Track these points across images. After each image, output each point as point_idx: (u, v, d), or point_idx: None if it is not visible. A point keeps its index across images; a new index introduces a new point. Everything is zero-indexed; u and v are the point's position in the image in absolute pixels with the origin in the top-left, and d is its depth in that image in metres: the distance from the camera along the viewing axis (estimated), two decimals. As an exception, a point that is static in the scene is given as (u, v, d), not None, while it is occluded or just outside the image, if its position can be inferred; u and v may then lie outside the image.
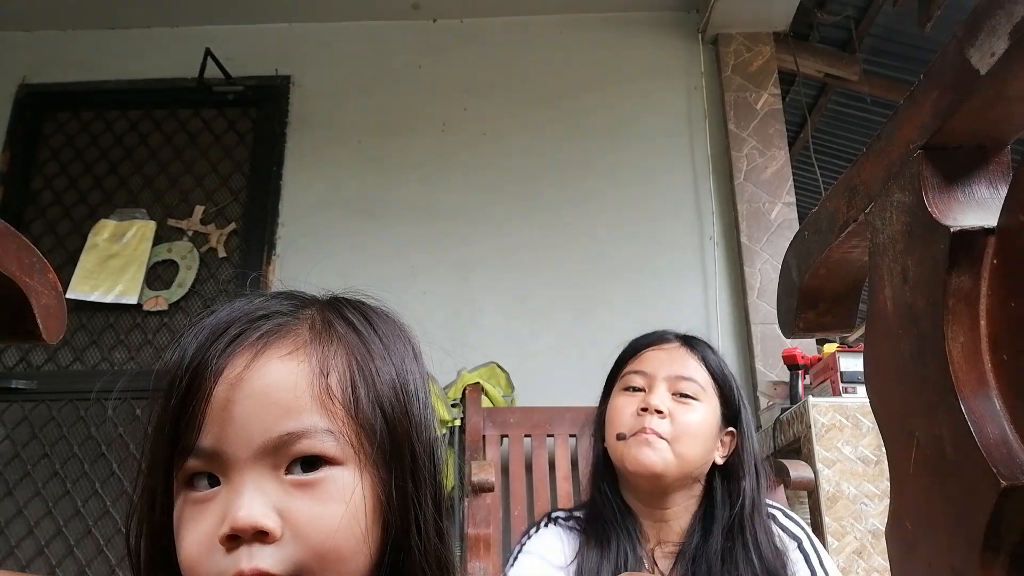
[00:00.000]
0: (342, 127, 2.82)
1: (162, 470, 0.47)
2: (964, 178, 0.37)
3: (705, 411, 1.02)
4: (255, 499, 0.44)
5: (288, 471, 0.45)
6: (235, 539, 0.43)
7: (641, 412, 1.01)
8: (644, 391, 1.04)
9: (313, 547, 0.44)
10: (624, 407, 1.04)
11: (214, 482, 0.46)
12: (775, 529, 1.03)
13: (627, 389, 1.06)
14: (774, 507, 1.08)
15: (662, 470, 0.99)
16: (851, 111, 3.55)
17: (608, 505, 1.04)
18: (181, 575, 0.46)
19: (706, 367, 1.06)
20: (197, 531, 0.45)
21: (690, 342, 1.09)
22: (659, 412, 1.00)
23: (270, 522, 0.43)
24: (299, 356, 0.48)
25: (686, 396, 1.02)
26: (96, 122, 2.95)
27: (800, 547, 1.02)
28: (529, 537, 1.10)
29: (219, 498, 0.45)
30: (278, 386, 0.46)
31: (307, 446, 0.46)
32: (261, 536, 0.43)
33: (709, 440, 1.02)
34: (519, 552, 1.07)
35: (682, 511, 1.03)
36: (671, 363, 1.04)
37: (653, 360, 1.06)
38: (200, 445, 0.45)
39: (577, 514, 1.11)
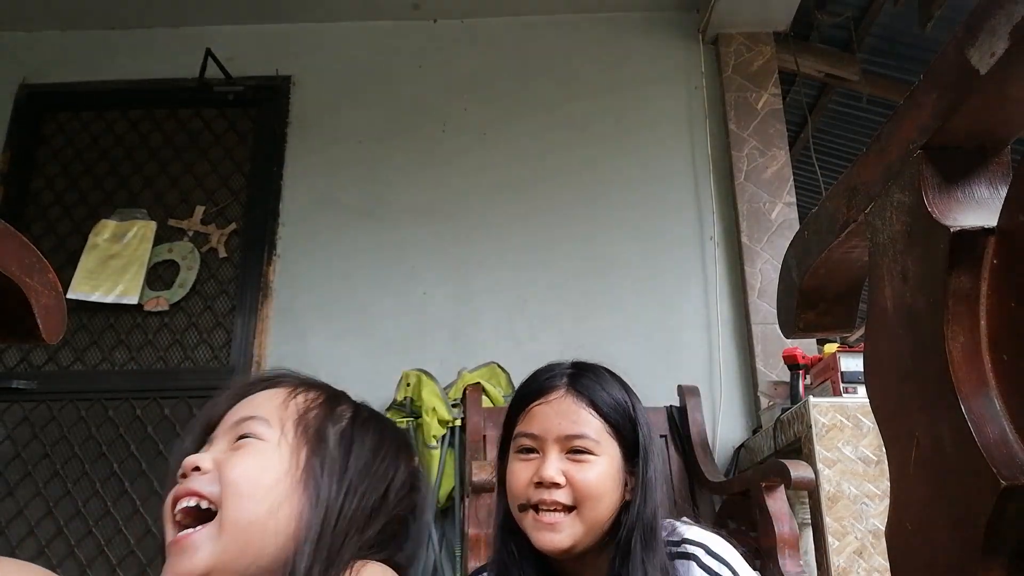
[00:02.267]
0: (342, 127, 2.82)
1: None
2: (964, 178, 0.37)
3: (603, 463, 0.97)
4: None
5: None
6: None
7: (537, 484, 0.96)
8: (537, 453, 0.99)
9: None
10: (519, 474, 0.99)
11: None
12: (695, 571, 0.97)
13: (520, 451, 1.00)
14: (696, 543, 1.00)
15: (571, 544, 0.95)
16: (851, 111, 3.55)
17: (517, 566, 1.00)
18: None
19: (598, 413, 0.99)
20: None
21: (578, 384, 1.01)
22: (555, 484, 0.95)
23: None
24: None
25: (581, 452, 0.97)
26: (96, 122, 2.95)
27: None
28: None
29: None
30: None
31: None
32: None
33: (613, 489, 0.98)
34: None
35: (601, 560, 0.99)
36: (559, 420, 0.98)
37: (541, 419, 0.99)
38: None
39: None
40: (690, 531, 1.01)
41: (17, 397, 2.54)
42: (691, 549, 0.98)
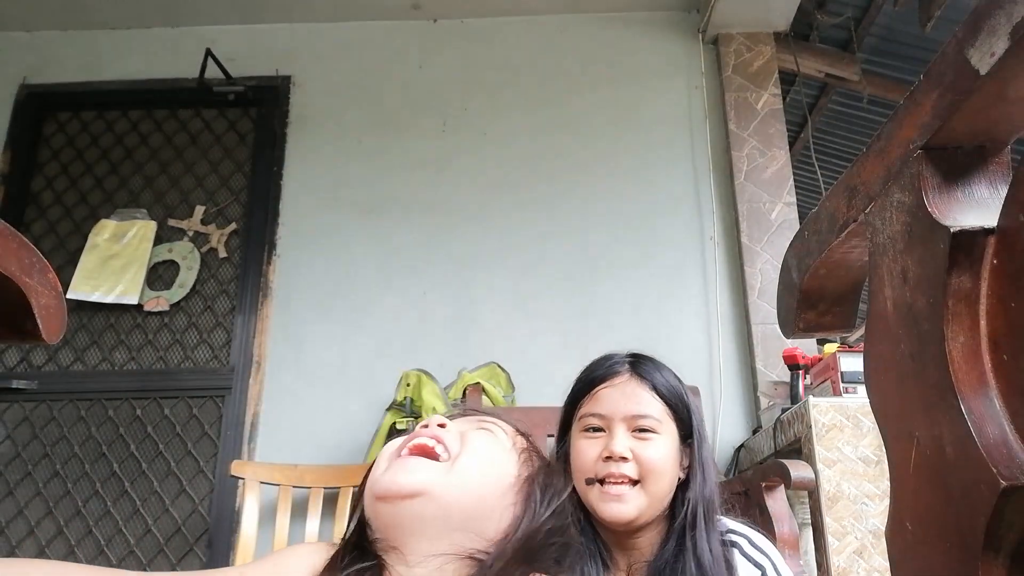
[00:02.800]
0: (342, 127, 2.82)
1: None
2: (964, 178, 0.37)
3: (665, 442, 1.06)
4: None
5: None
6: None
7: (606, 459, 1.04)
8: (604, 431, 1.07)
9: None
10: (587, 450, 1.06)
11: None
12: (737, 558, 1.04)
13: (587, 430, 1.08)
14: (739, 533, 1.08)
15: (635, 516, 1.02)
16: (851, 111, 3.55)
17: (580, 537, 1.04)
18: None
19: (659, 395, 1.08)
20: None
21: (639, 369, 1.10)
22: (623, 458, 1.03)
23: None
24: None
25: (645, 431, 1.05)
26: (97, 122, 2.95)
27: None
28: None
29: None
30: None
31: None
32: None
33: (673, 467, 1.06)
34: None
35: (653, 534, 1.07)
36: (626, 401, 1.07)
37: (608, 400, 1.08)
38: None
39: None
40: (734, 524, 1.09)
41: (17, 397, 2.54)
42: (735, 538, 1.07)
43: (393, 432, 2.26)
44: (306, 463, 2.29)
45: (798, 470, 1.53)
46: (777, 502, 1.55)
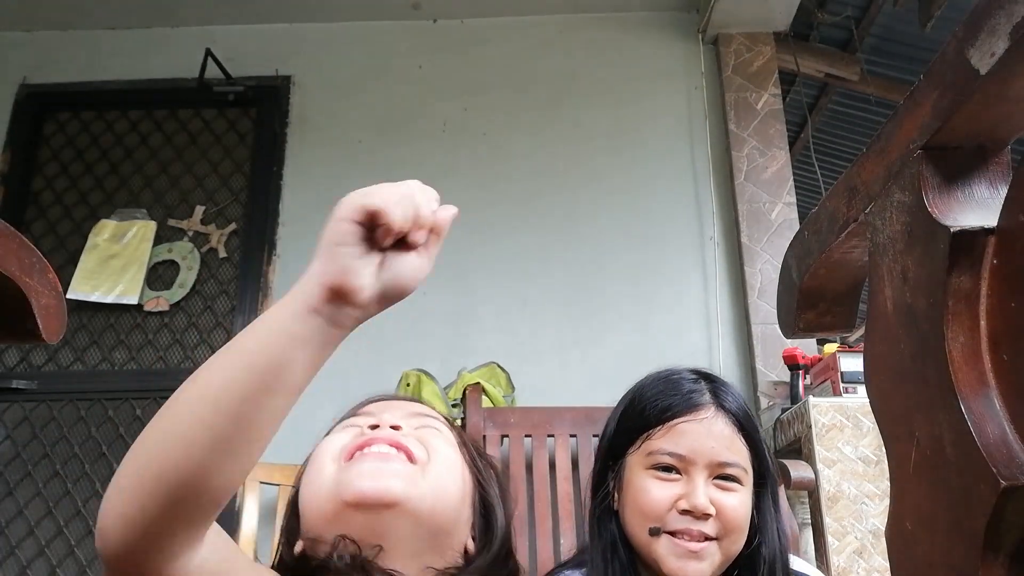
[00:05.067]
0: (342, 127, 2.82)
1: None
2: (964, 178, 0.37)
3: (745, 493, 0.90)
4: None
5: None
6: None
7: (683, 512, 0.87)
8: (679, 474, 0.89)
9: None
10: (656, 494, 0.88)
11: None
12: None
13: (656, 467, 0.89)
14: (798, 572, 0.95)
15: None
16: (851, 111, 3.55)
17: None
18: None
19: (745, 439, 0.91)
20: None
21: (723, 402, 0.92)
22: (707, 515, 0.86)
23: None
24: None
25: (729, 479, 0.89)
26: (97, 122, 2.95)
27: None
28: None
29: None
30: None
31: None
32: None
33: (748, 519, 0.90)
34: None
35: None
36: (713, 443, 0.88)
37: (690, 439, 0.89)
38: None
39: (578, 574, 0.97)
40: (796, 562, 0.96)
41: (17, 397, 2.54)
42: None
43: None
44: (306, 463, 2.29)
45: (798, 470, 1.53)
46: (777, 502, 1.55)
